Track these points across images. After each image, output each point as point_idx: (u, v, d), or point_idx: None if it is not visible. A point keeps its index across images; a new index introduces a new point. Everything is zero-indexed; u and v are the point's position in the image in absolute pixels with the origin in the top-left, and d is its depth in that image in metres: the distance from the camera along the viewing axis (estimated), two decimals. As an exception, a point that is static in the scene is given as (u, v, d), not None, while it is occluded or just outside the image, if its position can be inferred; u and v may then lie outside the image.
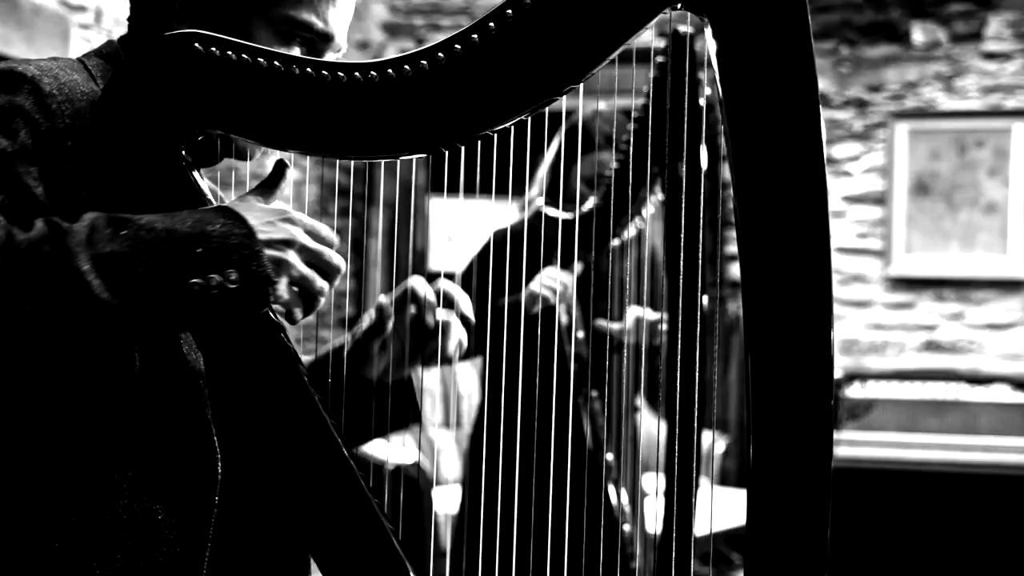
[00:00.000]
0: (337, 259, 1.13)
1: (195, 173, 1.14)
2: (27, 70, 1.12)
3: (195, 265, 1.02)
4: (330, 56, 1.27)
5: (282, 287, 1.09)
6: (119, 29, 4.40)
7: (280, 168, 1.19)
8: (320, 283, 1.12)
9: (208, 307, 1.03)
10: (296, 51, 1.24)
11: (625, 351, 2.44)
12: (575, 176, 2.44)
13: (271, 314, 1.15)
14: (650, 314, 2.45)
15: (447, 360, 1.36)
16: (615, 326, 2.43)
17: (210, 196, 1.15)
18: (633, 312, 2.43)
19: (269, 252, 1.07)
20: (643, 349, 2.42)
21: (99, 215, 1.03)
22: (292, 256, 1.10)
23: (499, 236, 2.46)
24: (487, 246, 2.46)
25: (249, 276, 1.05)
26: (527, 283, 2.34)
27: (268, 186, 1.17)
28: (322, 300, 1.14)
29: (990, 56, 5.83)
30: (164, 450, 1.16)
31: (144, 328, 1.05)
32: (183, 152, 1.12)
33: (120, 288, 0.99)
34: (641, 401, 2.57)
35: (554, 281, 2.32)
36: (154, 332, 1.09)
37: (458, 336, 1.38)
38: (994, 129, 5.72)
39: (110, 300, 0.98)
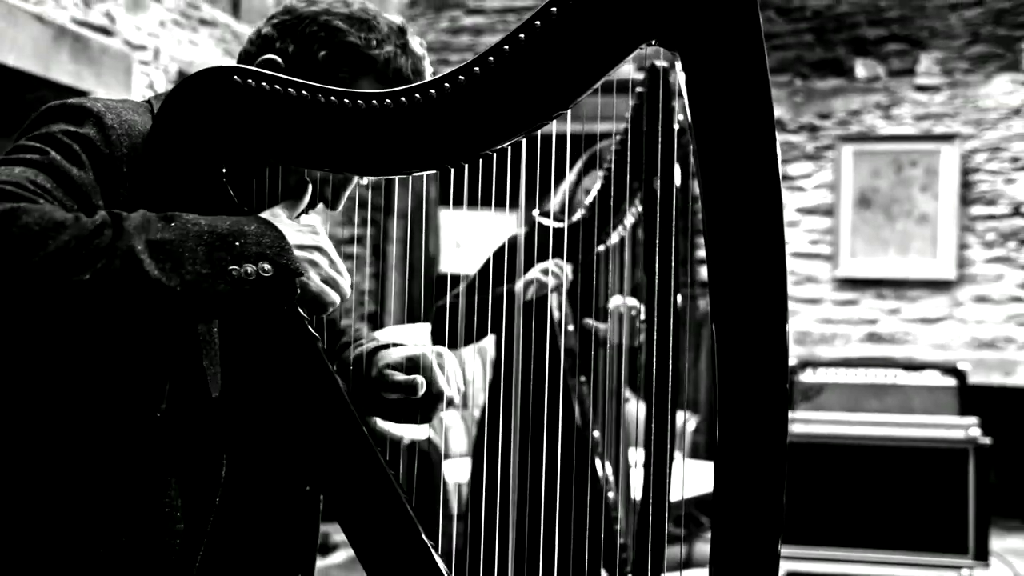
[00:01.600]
0: (345, 273, 1.13)
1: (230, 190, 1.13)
2: (93, 106, 1.12)
3: (234, 255, 1.01)
4: None
5: (313, 279, 1.09)
6: (173, 65, 4.40)
7: (302, 185, 1.18)
8: (343, 281, 1.12)
9: (243, 294, 1.02)
10: None
11: (608, 347, 2.42)
12: (581, 191, 2.44)
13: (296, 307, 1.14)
14: (630, 302, 2.42)
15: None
16: (601, 326, 2.42)
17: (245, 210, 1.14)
18: (615, 301, 2.40)
19: (300, 254, 1.07)
20: (623, 338, 2.40)
21: (148, 212, 1.02)
22: (319, 258, 1.10)
23: (511, 240, 2.47)
24: (502, 248, 2.47)
25: (280, 268, 1.04)
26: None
27: (292, 198, 1.17)
28: (346, 294, 1.13)
29: (922, 89, 5.83)
30: (178, 452, 1.15)
31: (185, 308, 1.01)
32: (223, 170, 1.11)
33: (168, 269, 0.98)
34: (628, 392, 2.56)
35: (556, 268, 2.32)
36: (194, 313, 1.06)
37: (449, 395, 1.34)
38: (925, 151, 5.73)
39: (159, 278, 0.97)
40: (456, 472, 3.97)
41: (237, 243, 1.02)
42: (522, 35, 1.03)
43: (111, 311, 0.97)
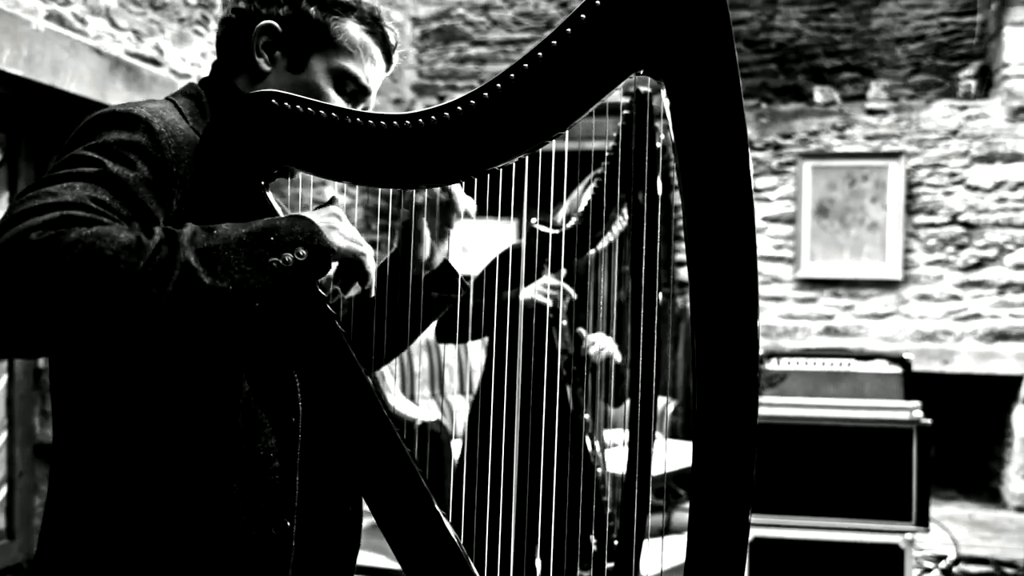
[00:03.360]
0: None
1: (270, 195, 1.12)
2: (141, 112, 1.09)
3: (272, 248, 1.01)
4: (362, 106, 1.27)
5: (339, 239, 1.08)
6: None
7: (331, 201, 1.18)
8: (368, 266, 1.11)
9: (285, 279, 1.02)
10: (342, 101, 1.24)
11: (591, 367, 2.38)
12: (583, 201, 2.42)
13: (320, 291, 1.14)
14: (611, 348, 2.38)
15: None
16: (589, 337, 2.38)
17: (282, 214, 1.13)
18: (595, 344, 2.36)
19: (321, 219, 1.07)
20: (603, 371, 2.37)
21: (194, 225, 1.01)
22: (337, 222, 1.09)
23: (515, 248, 2.46)
24: (506, 252, 2.45)
25: (314, 249, 1.04)
26: (525, 282, 2.32)
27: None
28: (371, 275, 1.12)
29: (871, 112, 5.83)
30: (265, 403, 1.15)
31: (238, 302, 1.00)
32: (263, 183, 1.10)
33: (218, 272, 0.97)
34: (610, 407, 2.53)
35: (554, 290, 2.30)
36: (247, 303, 1.02)
37: (464, 204, 1.33)
38: (875, 167, 5.73)
39: (213, 283, 0.97)
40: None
41: (272, 238, 1.02)
42: (526, 65, 1.02)
43: (177, 314, 0.97)
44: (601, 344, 2.36)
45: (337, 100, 1.24)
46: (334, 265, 1.11)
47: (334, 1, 1.24)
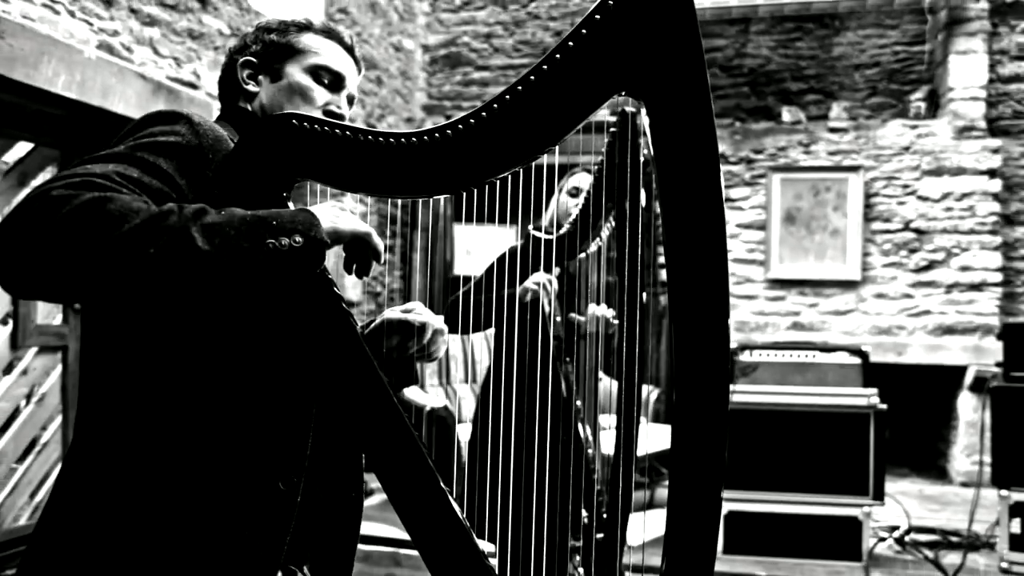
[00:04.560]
0: (378, 240, 1.11)
1: (291, 206, 1.11)
2: (182, 110, 1.14)
3: (270, 231, 0.99)
4: (344, 94, 1.33)
5: (344, 225, 1.07)
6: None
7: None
8: (376, 243, 1.10)
9: (279, 261, 0.99)
10: (324, 91, 1.31)
11: (586, 336, 2.38)
12: (567, 203, 2.40)
13: (326, 273, 1.11)
14: (605, 311, 2.39)
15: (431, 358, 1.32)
16: (580, 318, 2.38)
17: None
18: (592, 309, 2.36)
19: (327, 213, 1.06)
20: (600, 336, 2.37)
21: (206, 206, 1.01)
22: (344, 214, 1.08)
23: (511, 250, 2.45)
24: (504, 255, 2.44)
25: (309, 240, 1.01)
26: (521, 282, 2.31)
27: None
28: (380, 258, 1.11)
29: (833, 130, 5.83)
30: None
31: (233, 275, 0.98)
32: (285, 195, 1.09)
33: (215, 243, 0.95)
34: (601, 373, 2.52)
35: (546, 280, 2.29)
36: (239, 278, 0.99)
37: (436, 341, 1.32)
38: (837, 179, 5.72)
39: (208, 250, 0.95)
40: (467, 433, 3.95)
41: (274, 222, 1.00)
42: (520, 87, 1.01)
43: (176, 281, 0.94)
44: (596, 311, 2.35)
45: (320, 92, 1.30)
46: (330, 254, 1.09)
47: (288, 25, 1.34)
